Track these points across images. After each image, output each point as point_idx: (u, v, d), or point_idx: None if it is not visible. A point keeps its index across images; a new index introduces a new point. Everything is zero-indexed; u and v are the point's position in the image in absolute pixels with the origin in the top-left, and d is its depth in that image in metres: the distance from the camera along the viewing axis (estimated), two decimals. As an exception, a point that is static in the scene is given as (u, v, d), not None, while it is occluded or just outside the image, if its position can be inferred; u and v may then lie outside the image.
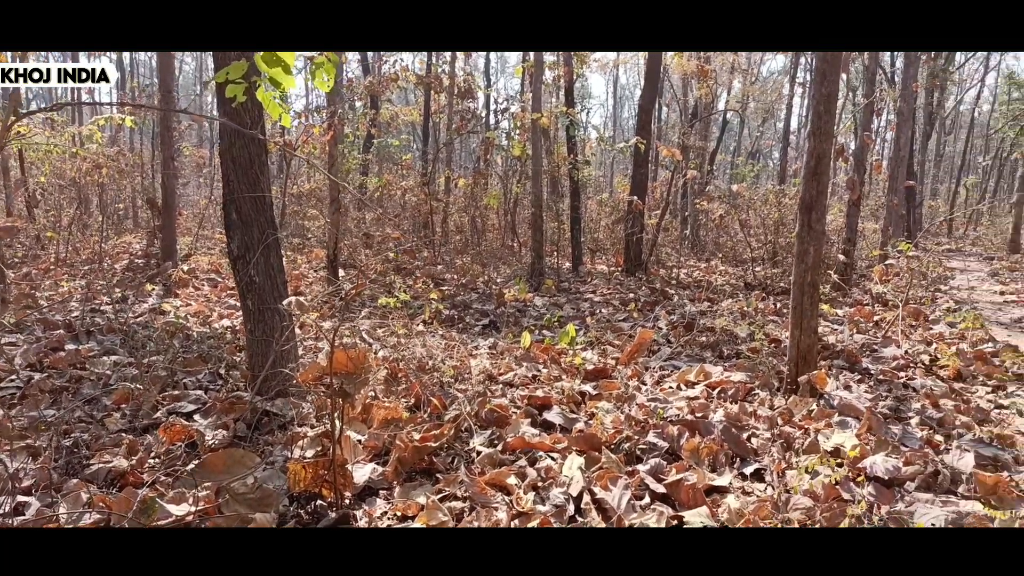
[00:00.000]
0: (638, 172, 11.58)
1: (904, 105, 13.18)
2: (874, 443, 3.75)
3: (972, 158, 32.54)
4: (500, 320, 7.53)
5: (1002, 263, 14.74)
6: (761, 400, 4.68)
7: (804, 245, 4.76)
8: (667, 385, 5.16)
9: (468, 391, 4.45)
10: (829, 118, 4.67)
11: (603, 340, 6.54)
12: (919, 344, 6.60)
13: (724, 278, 11.27)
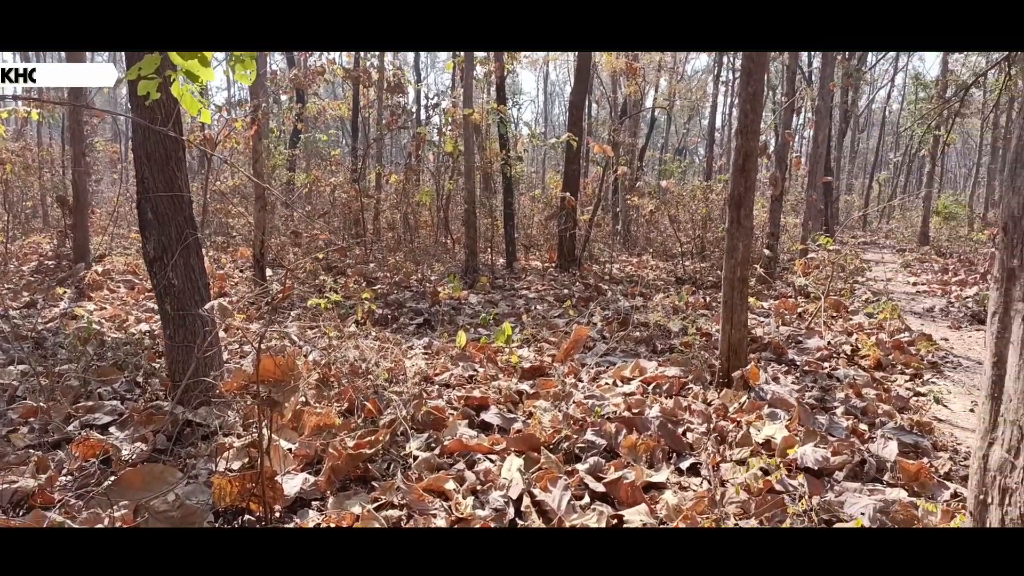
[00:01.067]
0: (570, 168, 11.65)
1: (822, 104, 13.69)
2: (803, 434, 3.85)
3: (884, 154, 34.23)
4: (435, 319, 7.42)
5: (913, 255, 15.54)
6: (695, 394, 4.75)
7: (733, 241, 4.85)
8: (603, 381, 5.18)
9: (404, 394, 4.35)
10: (755, 117, 4.77)
11: (539, 337, 6.52)
12: (841, 335, 6.86)
13: (655, 273, 11.47)
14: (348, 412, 4.11)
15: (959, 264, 13.59)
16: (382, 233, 13.33)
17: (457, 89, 13.90)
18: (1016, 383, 1.57)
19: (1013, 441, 1.58)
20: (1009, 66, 10.51)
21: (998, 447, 1.62)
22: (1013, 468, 1.57)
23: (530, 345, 6.22)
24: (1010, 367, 1.61)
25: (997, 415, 1.65)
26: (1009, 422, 1.58)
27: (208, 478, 3.20)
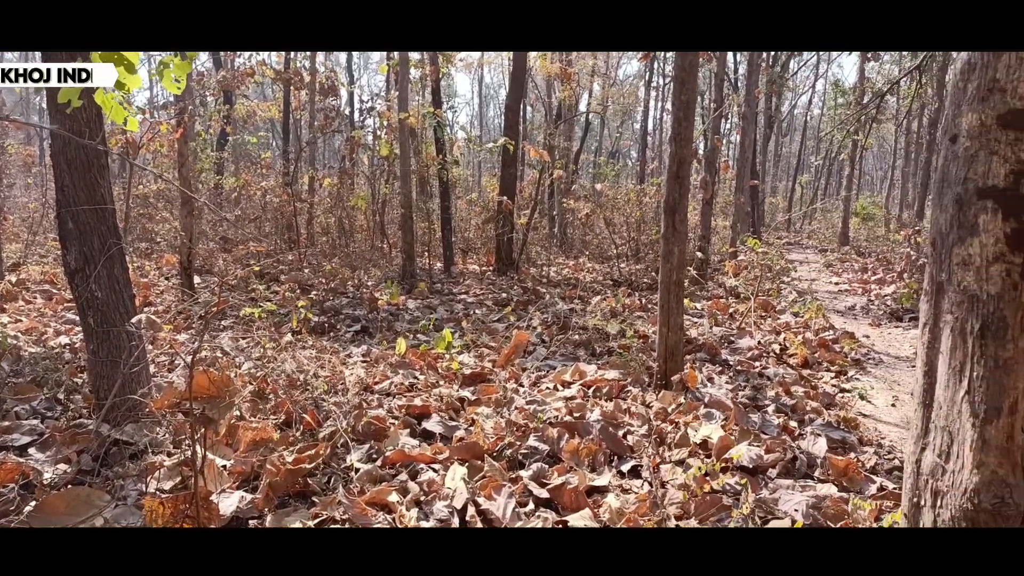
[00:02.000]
0: (507, 172, 11.68)
1: (748, 110, 14.17)
2: (738, 433, 3.97)
3: (806, 158, 35.66)
4: (373, 326, 7.32)
5: (834, 255, 16.23)
6: (634, 397, 4.83)
7: (669, 245, 4.96)
8: (544, 386, 5.21)
9: (343, 404, 4.26)
10: (688, 124, 4.88)
11: (479, 343, 6.51)
12: (770, 334, 7.10)
13: (592, 275, 11.61)
14: (286, 425, 4.01)
15: (877, 263, 14.26)
16: (316, 238, 13.06)
17: (392, 92, 13.75)
18: (946, 391, 1.66)
19: (943, 446, 1.66)
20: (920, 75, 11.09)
21: (930, 452, 1.71)
22: (944, 472, 1.66)
23: (470, 351, 6.20)
24: (940, 376, 1.70)
25: (929, 421, 1.74)
26: (939, 428, 1.66)
27: (138, 500, 3.06)
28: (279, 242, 11.99)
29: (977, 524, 1.63)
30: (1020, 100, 1.52)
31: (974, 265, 1.61)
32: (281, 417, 4.07)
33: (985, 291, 1.58)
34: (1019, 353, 1.55)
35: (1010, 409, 1.56)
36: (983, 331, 1.59)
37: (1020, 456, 1.57)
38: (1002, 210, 1.56)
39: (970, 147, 1.60)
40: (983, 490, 1.59)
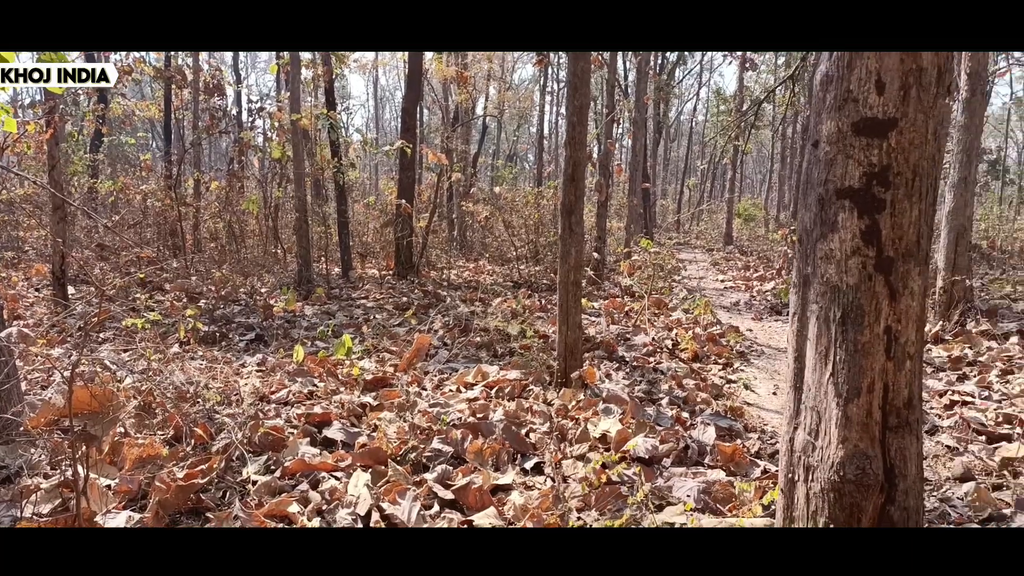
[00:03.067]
0: (404, 175, 11.59)
1: (638, 115, 14.73)
2: (635, 426, 4.12)
3: (692, 162, 37.38)
4: (268, 334, 7.07)
5: (720, 254, 17.12)
6: (536, 395, 4.92)
7: (567, 247, 5.09)
8: (447, 388, 5.21)
9: (238, 415, 4.11)
10: (582, 128, 5.04)
11: (380, 347, 6.43)
12: (663, 331, 7.41)
13: (492, 277, 11.71)
14: (175, 440, 3.81)
15: (758, 261, 15.16)
16: (203, 244, 12.47)
17: (283, 92, 13.33)
18: (813, 374, 1.82)
19: (813, 425, 1.82)
20: (793, 84, 11.89)
21: (801, 431, 1.86)
22: (814, 448, 1.81)
23: (371, 356, 6.11)
24: (808, 360, 1.86)
25: (799, 403, 1.89)
26: (809, 409, 1.82)
27: (13, 526, 2.83)
28: (163, 249, 11.36)
29: (843, 494, 1.79)
30: (870, 109, 1.69)
31: (835, 259, 1.77)
32: (170, 432, 3.87)
33: (845, 282, 1.75)
34: (875, 338, 1.72)
35: (868, 388, 1.73)
36: (844, 318, 1.75)
37: (878, 430, 1.75)
38: (857, 209, 1.73)
39: (829, 152, 1.77)
40: (847, 462, 1.76)
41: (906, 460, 1.78)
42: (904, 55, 1.61)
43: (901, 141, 1.67)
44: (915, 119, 1.66)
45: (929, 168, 1.69)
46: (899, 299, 1.71)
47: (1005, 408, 4.81)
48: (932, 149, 1.68)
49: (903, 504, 1.83)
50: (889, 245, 1.70)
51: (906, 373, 1.74)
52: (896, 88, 1.66)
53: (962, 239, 7.46)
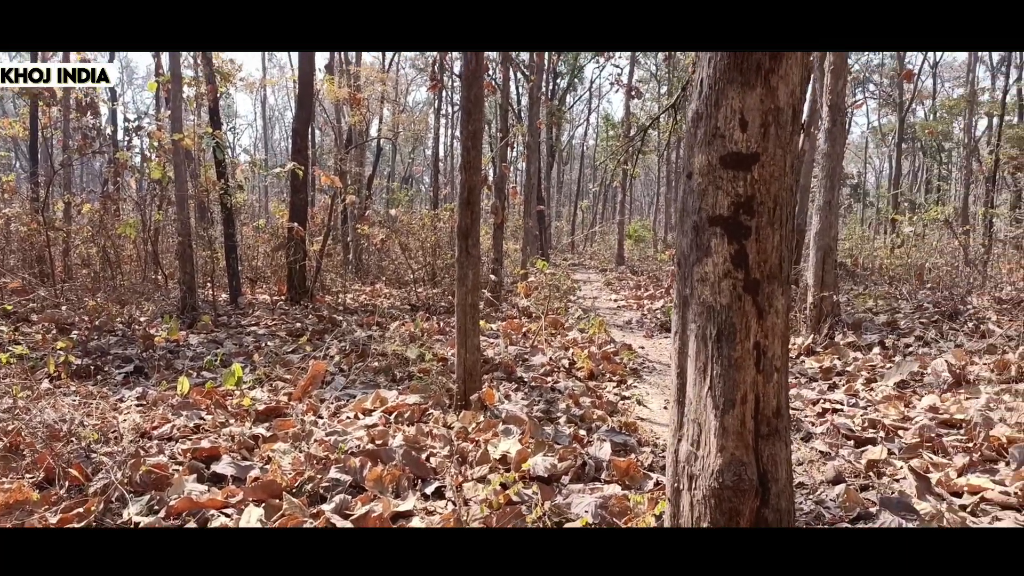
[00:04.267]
0: (296, 197, 11.31)
1: (531, 139, 15.08)
2: (534, 446, 4.19)
3: (584, 185, 38.60)
4: (149, 365, 6.67)
5: (612, 274, 17.71)
6: (436, 419, 4.90)
7: (464, 269, 5.13)
8: (345, 416, 5.10)
9: (117, 454, 3.85)
10: (477, 153, 5.12)
11: (273, 376, 6.22)
12: (560, 350, 7.58)
13: (390, 301, 11.58)
14: (47, 483, 3.53)
15: (649, 281, 15.80)
16: (75, 271, 11.63)
17: (163, 111, 12.72)
18: (694, 388, 1.94)
19: (694, 436, 1.94)
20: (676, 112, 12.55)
21: (685, 443, 1.99)
22: (696, 458, 1.94)
23: (263, 385, 5.90)
24: (689, 376, 1.99)
25: (682, 416, 2.02)
26: (691, 421, 1.95)
27: None
28: (29, 277, 10.50)
29: (722, 500, 1.92)
30: (736, 144, 1.86)
31: (710, 281, 1.92)
32: (41, 474, 3.58)
33: (719, 302, 1.90)
34: (746, 353, 1.87)
35: (741, 400, 1.88)
36: (719, 336, 1.90)
37: (751, 439, 1.89)
38: (727, 235, 1.89)
39: (702, 183, 1.92)
40: (726, 470, 1.89)
41: (777, 465, 1.93)
42: (763, 95, 1.78)
43: (763, 173, 1.84)
44: (775, 154, 1.84)
45: (788, 198, 1.87)
46: (766, 317, 1.87)
47: (870, 414, 5.24)
48: (790, 181, 1.86)
49: (776, 506, 1.98)
50: (756, 268, 1.86)
51: (774, 385, 1.90)
52: (757, 126, 1.83)
53: (828, 258, 8.08)
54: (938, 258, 13.18)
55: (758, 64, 1.79)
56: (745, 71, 1.80)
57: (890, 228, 18.12)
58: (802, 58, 1.78)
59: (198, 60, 11.55)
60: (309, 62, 11.41)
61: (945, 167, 30.13)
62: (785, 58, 1.77)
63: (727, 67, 1.81)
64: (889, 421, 4.94)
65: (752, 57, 1.79)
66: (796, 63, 1.78)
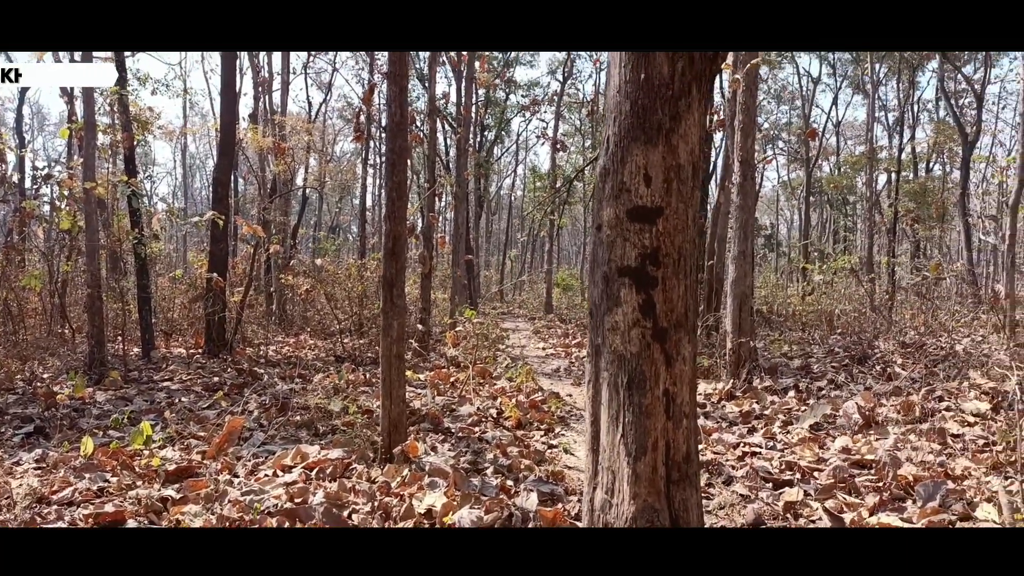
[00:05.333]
0: (217, 247, 11.00)
1: (459, 190, 15.25)
2: (460, 498, 4.12)
3: (513, 234, 39.11)
4: (50, 425, 6.26)
5: (541, 322, 17.86)
6: (359, 474, 4.76)
7: (388, 319, 5.08)
8: (263, 474, 4.89)
9: (9, 521, 3.57)
10: (401, 203, 5.13)
11: (186, 434, 5.93)
12: (488, 400, 7.53)
13: (315, 352, 11.30)
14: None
15: (577, 329, 15.99)
16: (-28, 326, 10.86)
17: (76, 158, 12.25)
18: (607, 436, 1.97)
19: (609, 484, 1.96)
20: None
21: (600, 490, 2.00)
22: (611, 506, 1.95)
23: (175, 444, 5.61)
24: (603, 424, 2.02)
25: (597, 464, 2.04)
26: (605, 469, 1.97)
27: None
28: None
29: (636, 548, 1.94)
30: (640, 198, 1.94)
31: (620, 330, 1.98)
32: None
33: (629, 351, 1.95)
34: (656, 400, 1.92)
35: (652, 446, 1.92)
36: (629, 384, 1.94)
37: (663, 484, 1.93)
38: (635, 285, 1.96)
39: (610, 235, 1.99)
40: (639, 516, 1.92)
41: (688, 510, 1.97)
42: (665, 153, 1.89)
43: (667, 226, 1.93)
44: (677, 208, 1.93)
45: (691, 249, 1.96)
46: (674, 364, 1.94)
47: (787, 456, 5.40)
48: (692, 233, 1.95)
49: (689, 551, 2.01)
50: (663, 316, 1.93)
51: (683, 431, 1.96)
52: (660, 181, 1.92)
53: (745, 305, 8.41)
54: (846, 305, 13.89)
55: (659, 124, 1.90)
56: (648, 130, 1.90)
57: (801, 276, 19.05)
58: (699, 119, 1.90)
59: (114, 107, 11.22)
60: (231, 110, 11.28)
61: (850, 219, 32.06)
62: (684, 119, 1.88)
63: (631, 126, 1.91)
64: (805, 463, 5.10)
65: (654, 117, 1.89)
66: (694, 124, 1.90)
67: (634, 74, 1.92)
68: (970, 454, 5.10)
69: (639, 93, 1.91)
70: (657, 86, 1.90)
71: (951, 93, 25.31)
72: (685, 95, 1.91)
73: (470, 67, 15.07)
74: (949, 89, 25.67)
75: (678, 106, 1.89)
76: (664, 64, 1.89)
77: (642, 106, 1.92)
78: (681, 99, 1.90)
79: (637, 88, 1.91)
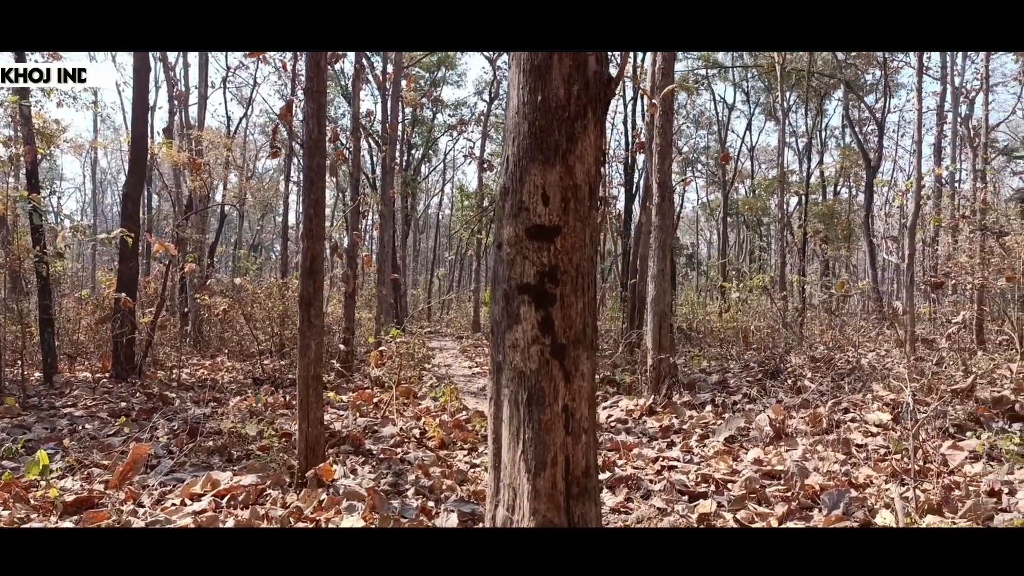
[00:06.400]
0: (126, 266, 10.51)
1: (385, 208, 15.12)
2: (378, 521, 4.04)
3: (441, 253, 38.98)
4: (-68, 458, 5.79)
5: (468, 340, 17.82)
6: (273, 499, 4.61)
7: (306, 340, 4.97)
8: (170, 503, 4.67)
9: None
10: (319, 221, 5.04)
11: (88, 463, 5.60)
12: (411, 420, 7.44)
13: (232, 375, 10.91)
14: None
15: (503, 347, 16.01)
16: None
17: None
18: (508, 453, 1.99)
19: (510, 501, 1.98)
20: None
21: (501, 508, 2.01)
22: (512, 523, 1.96)
23: (76, 473, 5.29)
24: (504, 441, 2.03)
25: (499, 481, 2.05)
26: (506, 486, 1.98)
27: None
28: None
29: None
30: (539, 217, 1.99)
31: (520, 347, 2.01)
32: None
33: (528, 367, 1.98)
34: (555, 416, 1.96)
35: (552, 461, 1.95)
36: (529, 400, 1.97)
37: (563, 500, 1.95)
38: (534, 303, 1.99)
39: (510, 253, 2.03)
40: (539, 533, 1.93)
41: (588, 523, 2.00)
42: (562, 173, 1.94)
43: (565, 245, 1.98)
44: (575, 226, 1.99)
45: (589, 267, 2.01)
46: (573, 380, 1.97)
47: (703, 469, 5.55)
48: (590, 251, 2.01)
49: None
50: (561, 333, 1.97)
51: (583, 446, 1.99)
52: (558, 200, 1.98)
53: (664, 322, 8.63)
54: (760, 321, 14.46)
55: (556, 144, 1.95)
56: (545, 150, 1.95)
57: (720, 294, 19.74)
58: (595, 140, 1.96)
59: (16, 119, 10.63)
60: (142, 122, 10.86)
61: (765, 239, 33.48)
62: (580, 140, 1.94)
63: (530, 146, 1.96)
64: (719, 475, 5.26)
65: (551, 138, 1.94)
66: (590, 145, 1.96)
67: (532, 96, 1.98)
68: (872, 463, 5.36)
69: (536, 114, 1.97)
70: (554, 108, 1.96)
71: (855, 121, 26.93)
72: (581, 117, 1.98)
73: (396, 85, 15.02)
74: (854, 117, 27.31)
75: (574, 127, 1.96)
76: (560, 87, 1.95)
77: (540, 127, 1.98)
78: (577, 121, 1.97)
79: (535, 109, 1.97)
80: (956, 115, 20.05)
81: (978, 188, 14.91)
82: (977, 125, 16.60)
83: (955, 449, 5.57)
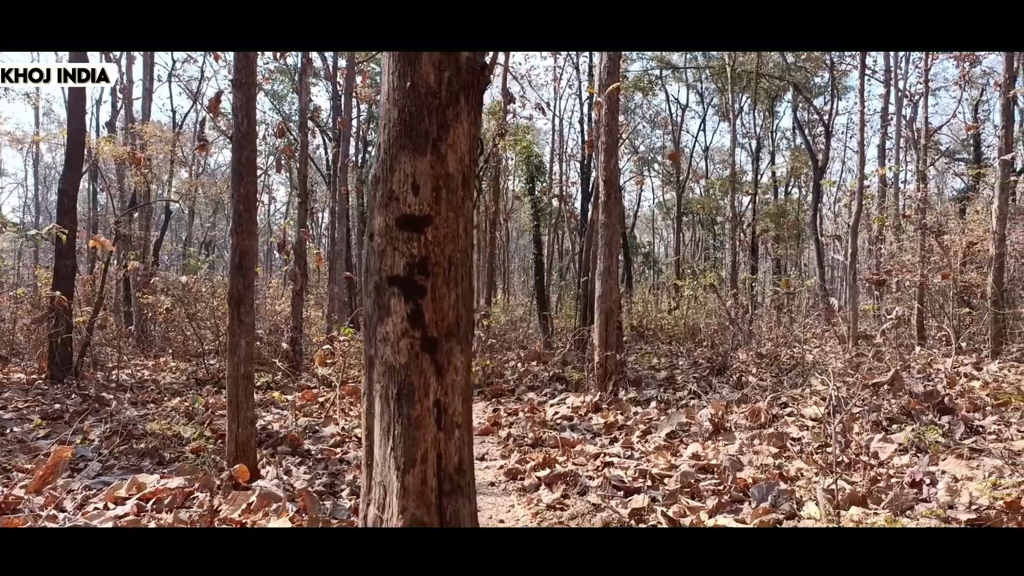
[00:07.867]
0: (62, 264, 10.14)
1: (338, 206, 14.91)
2: (307, 522, 3.96)
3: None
4: None
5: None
6: (201, 503, 4.49)
7: (236, 338, 4.85)
8: (92, 507, 4.51)
9: None
10: (250, 216, 4.93)
11: (11, 466, 5.39)
12: (355, 419, 7.34)
13: (175, 375, 10.63)
14: None
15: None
16: None
17: None
18: (380, 450, 1.95)
19: (380, 499, 1.94)
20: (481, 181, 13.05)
21: (372, 506, 1.97)
22: (382, 522, 1.92)
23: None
24: (376, 437, 1.99)
25: (370, 479, 2.00)
26: (377, 484, 1.94)
27: None
28: None
29: (404, 563, 1.92)
30: (408, 207, 1.95)
31: (390, 340, 1.96)
32: None
33: (398, 361, 1.94)
34: (425, 411, 1.92)
35: (422, 458, 1.91)
36: (399, 395, 1.93)
37: (434, 497, 1.92)
38: (404, 295, 1.95)
39: (381, 243, 1.98)
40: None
41: (460, 521, 1.97)
42: (433, 162, 1.90)
43: (436, 235, 1.94)
44: (447, 217, 1.95)
45: (463, 259, 1.98)
46: (445, 375, 1.94)
47: (643, 464, 5.59)
48: (464, 243, 1.98)
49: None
50: (433, 326, 1.94)
51: (455, 441, 1.96)
52: (429, 190, 1.94)
53: (611, 319, 8.68)
54: (710, 319, 14.67)
55: (427, 132, 1.91)
56: (416, 138, 1.91)
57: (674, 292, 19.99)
58: (469, 128, 1.93)
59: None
60: (80, 116, 10.50)
61: (719, 238, 33.99)
62: (452, 128, 1.91)
63: (399, 134, 1.91)
64: (657, 470, 5.30)
65: (421, 126, 1.90)
66: (464, 133, 1.93)
67: (401, 81, 1.93)
68: (805, 456, 5.46)
69: (406, 101, 1.93)
70: (424, 94, 1.92)
71: (804, 123, 27.49)
72: (453, 104, 1.94)
73: (349, 81, 14.81)
74: (803, 119, 27.88)
75: (446, 115, 1.92)
76: (431, 72, 1.91)
77: (409, 114, 1.93)
78: (449, 108, 1.93)
79: (404, 96, 1.92)
80: (900, 117, 20.62)
81: (919, 189, 15.37)
82: (920, 128, 17.10)
83: (886, 442, 5.73)
